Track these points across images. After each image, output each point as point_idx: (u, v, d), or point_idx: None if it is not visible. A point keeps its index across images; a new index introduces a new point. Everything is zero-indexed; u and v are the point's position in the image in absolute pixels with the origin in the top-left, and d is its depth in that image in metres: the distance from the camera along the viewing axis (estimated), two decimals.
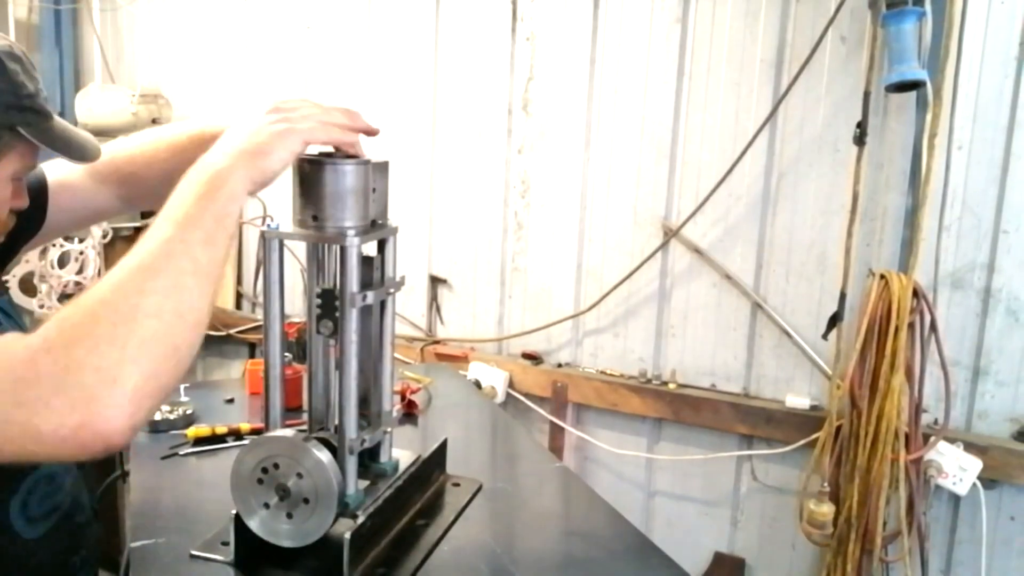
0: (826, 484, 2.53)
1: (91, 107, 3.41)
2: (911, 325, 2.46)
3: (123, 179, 1.36)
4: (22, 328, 1.24)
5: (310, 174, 1.25)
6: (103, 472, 1.78)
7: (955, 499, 2.60)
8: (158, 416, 1.83)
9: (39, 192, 1.32)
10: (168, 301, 0.83)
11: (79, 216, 1.43)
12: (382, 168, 1.32)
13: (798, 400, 2.78)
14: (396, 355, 1.62)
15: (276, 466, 1.26)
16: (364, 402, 1.38)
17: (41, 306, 3.18)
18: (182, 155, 1.21)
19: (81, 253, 3.12)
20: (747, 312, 2.86)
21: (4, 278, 1.37)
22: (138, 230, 3.49)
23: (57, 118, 1.14)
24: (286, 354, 1.65)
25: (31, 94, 1.06)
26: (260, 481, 1.27)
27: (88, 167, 1.31)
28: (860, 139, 2.54)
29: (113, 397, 0.76)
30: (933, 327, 2.48)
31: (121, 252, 3.45)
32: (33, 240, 1.38)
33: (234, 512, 1.29)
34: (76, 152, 1.14)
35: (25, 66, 1.07)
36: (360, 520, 1.27)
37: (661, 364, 3.01)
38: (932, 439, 2.51)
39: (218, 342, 3.68)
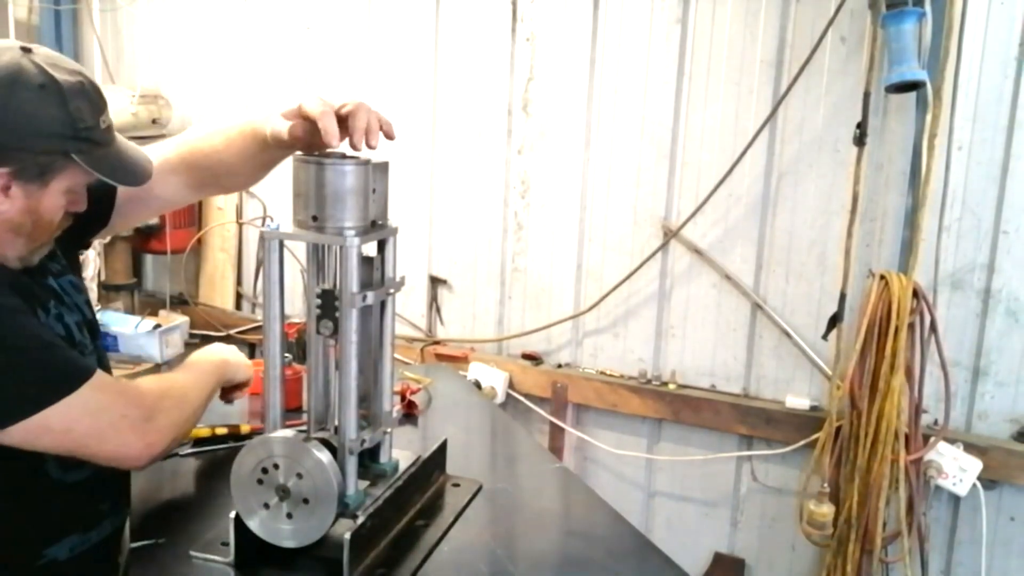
0: (826, 484, 2.53)
1: None
2: (911, 325, 2.46)
3: (188, 168, 1.47)
4: (80, 308, 1.38)
5: (310, 174, 1.25)
6: None
7: (955, 499, 2.60)
8: None
9: (109, 185, 1.42)
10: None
11: (149, 207, 1.56)
12: (382, 168, 1.32)
13: (798, 400, 2.78)
14: (396, 355, 1.62)
15: (276, 466, 1.26)
16: (364, 402, 1.38)
17: None
18: (233, 146, 1.41)
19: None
20: (747, 312, 2.86)
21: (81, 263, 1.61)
22: (137, 231, 3.50)
23: (119, 142, 1.30)
24: (286, 354, 1.65)
25: (89, 126, 1.22)
26: (260, 481, 1.27)
27: (160, 158, 1.43)
28: (860, 139, 2.54)
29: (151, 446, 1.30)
30: (933, 327, 2.48)
31: (121, 252, 3.42)
32: (104, 230, 1.53)
33: (234, 512, 1.29)
34: (123, 177, 1.30)
35: (92, 100, 1.23)
36: (360, 520, 1.27)
37: (661, 364, 3.01)
38: (932, 440, 2.51)
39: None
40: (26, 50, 1.20)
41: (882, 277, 2.48)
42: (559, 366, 3.15)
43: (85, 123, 1.21)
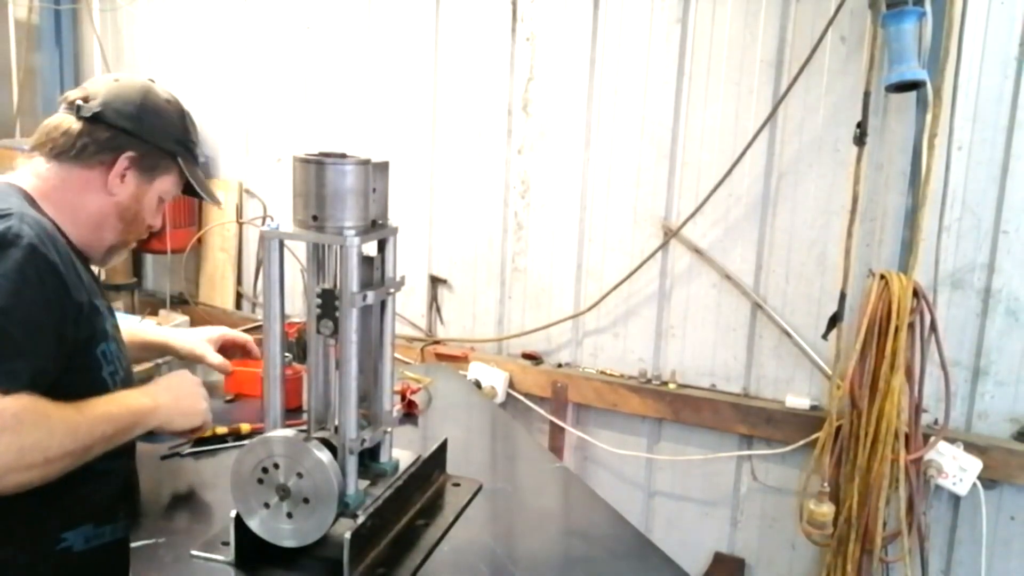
0: (826, 484, 2.53)
1: None
2: (911, 325, 2.46)
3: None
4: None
5: (310, 174, 1.25)
6: None
7: (955, 499, 2.60)
8: None
9: None
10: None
11: None
12: (382, 168, 1.32)
13: (798, 400, 2.78)
14: (396, 355, 1.62)
15: (276, 466, 1.26)
16: (364, 402, 1.38)
17: None
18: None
19: None
20: (747, 312, 2.86)
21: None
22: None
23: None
24: (286, 354, 1.65)
25: (194, 141, 1.55)
26: (260, 481, 1.27)
27: None
28: (860, 139, 2.53)
29: None
30: (933, 327, 2.48)
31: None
32: None
33: (234, 512, 1.29)
34: (209, 195, 1.59)
35: (196, 127, 1.57)
36: (360, 520, 1.27)
37: (661, 364, 3.01)
38: (932, 439, 2.51)
39: None
40: (150, 80, 1.52)
41: (882, 277, 2.48)
42: (559, 366, 3.15)
43: (192, 137, 1.54)
